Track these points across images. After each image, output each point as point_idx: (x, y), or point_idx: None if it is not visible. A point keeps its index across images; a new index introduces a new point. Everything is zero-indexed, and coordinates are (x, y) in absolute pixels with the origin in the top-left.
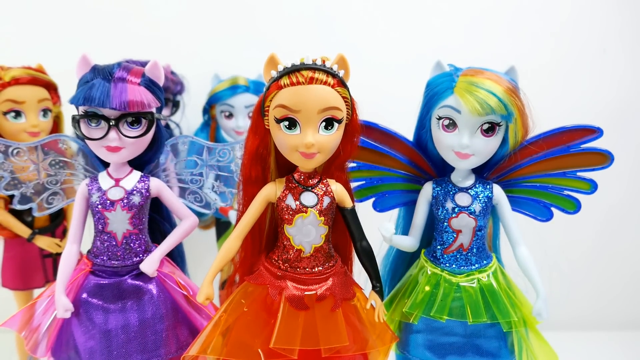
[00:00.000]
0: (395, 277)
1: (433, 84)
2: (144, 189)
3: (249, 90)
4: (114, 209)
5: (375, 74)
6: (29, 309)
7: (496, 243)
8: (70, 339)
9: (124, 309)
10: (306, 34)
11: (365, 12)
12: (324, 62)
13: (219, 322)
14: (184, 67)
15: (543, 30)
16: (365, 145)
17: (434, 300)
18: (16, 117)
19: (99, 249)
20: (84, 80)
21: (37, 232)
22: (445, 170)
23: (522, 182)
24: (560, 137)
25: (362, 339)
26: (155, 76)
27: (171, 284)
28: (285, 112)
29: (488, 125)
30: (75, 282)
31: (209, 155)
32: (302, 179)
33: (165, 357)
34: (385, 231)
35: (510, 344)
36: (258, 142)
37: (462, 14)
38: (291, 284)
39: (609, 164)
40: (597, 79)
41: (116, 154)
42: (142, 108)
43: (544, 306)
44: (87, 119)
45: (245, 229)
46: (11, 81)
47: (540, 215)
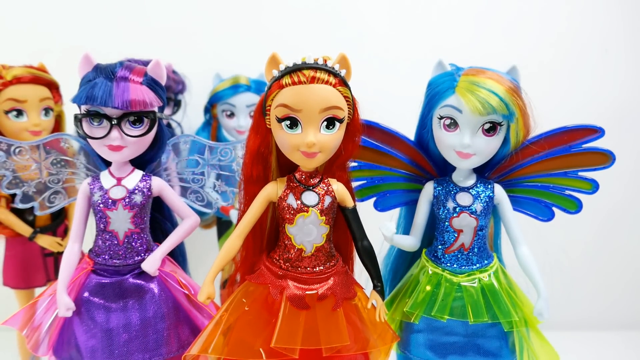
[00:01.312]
0: (396, 277)
1: (434, 83)
2: (145, 188)
3: (250, 90)
4: (116, 207)
5: (376, 73)
6: (30, 308)
7: (497, 243)
8: (72, 338)
9: (126, 308)
10: (308, 34)
11: (367, 12)
12: (326, 62)
13: (220, 322)
14: (186, 66)
15: (545, 30)
16: (367, 144)
17: (435, 300)
18: (18, 116)
19: (100, 247)
20: (87, 79)
21: (38, 231)
22: (447, 169)
23: (524, 182)
24: (562, 136)
25: (363, 339)
26: (157, 75)
27: (172, 283)
28: (286, 112)
29: (489, 124)
30: (77, 281)
31: (210, 155)
32: (304, 178)
33: (166, 356)
34: (386, 231)
35: (512, 343)
36: (259, 142)
37: (464, 13)
38: (292, 283)
39: (610, 163)
40: (599, 78)
41: (118, 153)
42: (144, 107)
43: (545, 306)
44: (90, 117)
45: (246, 229)
46: (13, 80)
47: (542, 215)
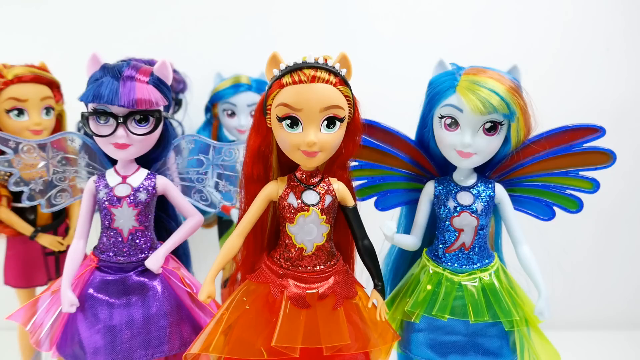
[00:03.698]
0: (397, 276)
1: (435, 82)
2: (150, 186)
3: (251, 89)
4: (121, 205)
5: (377, 72)
6: (32, 304)
7: (498, 242)
8: (75, 334)
9: (129, 305)
10: (308, 33)
11: (368, 11)
12: (326, 61)
13: (221, 321)
14: (187, 65)
15: (546, 30)
16: (367, 143)
17: (435, 299)
18: (19, 115)
19: (105, 245)
20: (94, 78)
21: (39, 230)
22: (448, 169)
23: (525, 181)
24: (563, 136)
25: (363, 338)
26: (163, 75)
27: (175, 281)
28: (287, 111)
29: (490, 124)
30: (82, 277)
31: (215, 155)
32: (304, 177)
33: (168, 353)
34: (387, 230)
35: (512, 343)
36: (260, 141)
37: (465, 12)
38: (293, 282)
39: (611, 163)
40: (600, 78)
41: (124, 151)
42: (149, 106)
43: (546, 305)
44: (96, 116)
45: (247, 228)
46: (14, 79)
47: (543, 214)
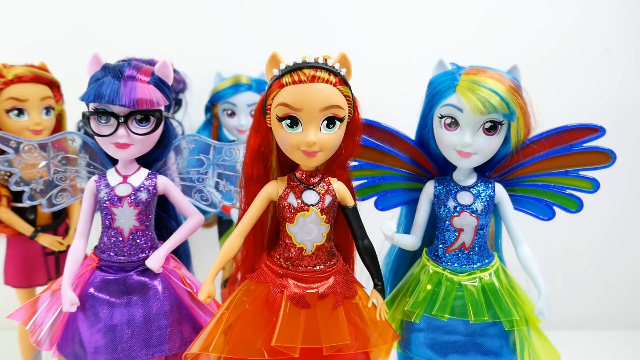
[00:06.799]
0: (397, 276)
1: (435, 82)
2: (151, 186)
3: (251, 89)
4: (121, 205)
5: (377, 72)
6: (33, 304)
7: (498, 242)
8: (76, 334)
9: (129, 304)
10: (308, 32)
11: (367, 11)
12: (326, 61)
13: (221, 320)
14: (187, 65)
15: (546, 29)
16: (367, 143)
17: (435, 299)
18: (19, 114)
19: (105, 244)
20: (95, 78)
21: (39, 230)
22: (447, 168)
23: (524, 181)
24: (563, 135)
25: (363, 337)
26: (164, 75)
27: (176, 281)
28: (287, 111)
29: (490, 124)
30: (82, 277)
31: (215, 154)
32: (304, 177)
33: (168, 353)
34: (387, 230)
35: (512, 342)
36: (260, 141)
37: (465, 12)
38: (293, 282)
39: (611, 162)
40: (600, 78)
41: (124, 151)
42: (150, 106)
43: (546, 305)
44: (97, 115)
45: (247, 227)
46: (14, 79)
47: (543, 214)
